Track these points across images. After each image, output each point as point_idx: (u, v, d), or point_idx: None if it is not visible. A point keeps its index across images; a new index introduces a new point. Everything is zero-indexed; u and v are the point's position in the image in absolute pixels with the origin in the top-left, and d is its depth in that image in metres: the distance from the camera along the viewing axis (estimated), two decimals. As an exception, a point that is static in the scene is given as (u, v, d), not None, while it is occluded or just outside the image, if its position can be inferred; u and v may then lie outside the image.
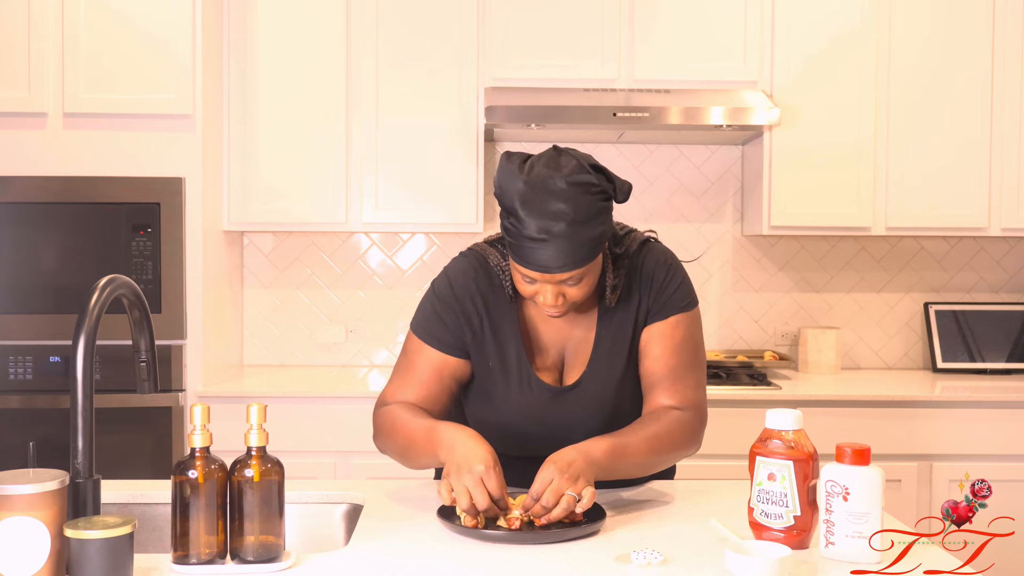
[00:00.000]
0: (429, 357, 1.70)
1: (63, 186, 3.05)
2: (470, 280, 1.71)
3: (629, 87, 3.31)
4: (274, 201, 3.32)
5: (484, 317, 1.70)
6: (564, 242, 1.51)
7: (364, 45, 3.32)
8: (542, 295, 1.58)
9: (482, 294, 1.70)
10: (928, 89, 3.36)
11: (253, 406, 1.30)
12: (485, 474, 1.44)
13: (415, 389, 1.70)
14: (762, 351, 3.59)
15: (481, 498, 1.43)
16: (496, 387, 1.70)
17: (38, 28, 3.03)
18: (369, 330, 3.70)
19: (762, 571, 1.24)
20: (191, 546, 1.27)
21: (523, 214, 1.51)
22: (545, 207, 1.50)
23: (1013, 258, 3.74)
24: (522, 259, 1.55)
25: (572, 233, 1.51)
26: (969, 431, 3.07)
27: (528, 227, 1.51)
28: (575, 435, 1.66)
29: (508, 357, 1.69)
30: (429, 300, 1.74)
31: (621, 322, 1.70)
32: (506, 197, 1.54)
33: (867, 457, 1.36)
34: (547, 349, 1.73)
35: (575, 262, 1.53)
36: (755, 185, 3.48)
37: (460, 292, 1.71)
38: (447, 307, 1.71)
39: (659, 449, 1.61)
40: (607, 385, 1.70)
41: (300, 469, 2.14)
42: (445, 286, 1.73)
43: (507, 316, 1.70)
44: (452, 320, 1.70)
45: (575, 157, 1.56)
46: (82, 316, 1.33)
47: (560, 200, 1.50)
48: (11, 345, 3.04)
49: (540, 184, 1.51)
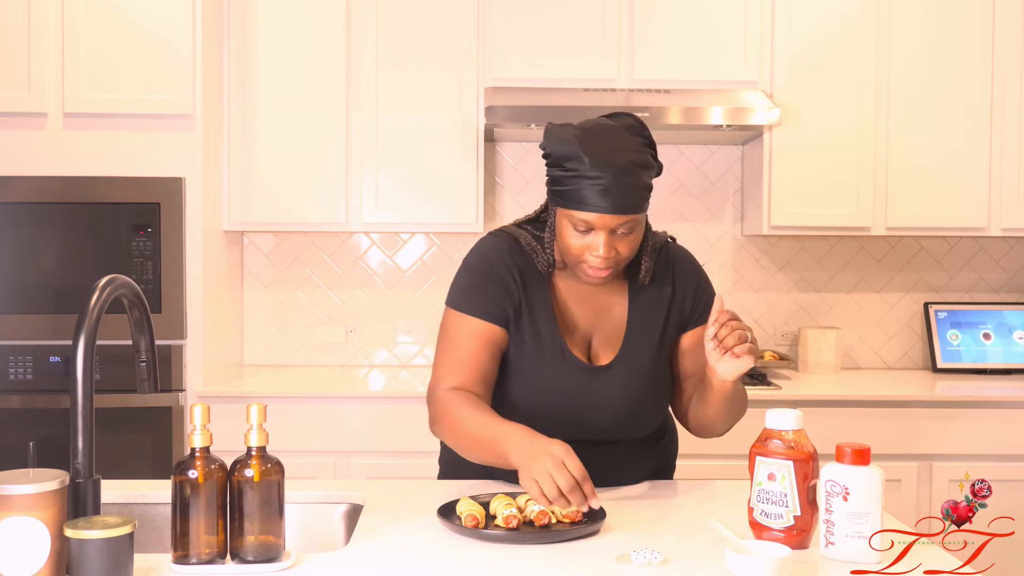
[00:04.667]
0: (472, 329, 1.69)
1: (63, 186, 3.05)
2: (505, 255, 1.73)
3: (629, 87, 3.31)
4: (274, 201, 3.32)
5: (521, 292, 1.71)
6: (624, 180, 1.56)
7: (364, 45, 3.32)
8: (594, 247, 1.60)
9: (519, 270, 1.72)
10: (928, 89, 3.36)
11: (253, 406, 1.30)
12: (565, 455, 1.43)
13: (464, 370, 1.68)
14: (762, 351, 3.59)
15: (565, 479, 1.40)
16: (528, 364, 1.71)
17: (38, 28, 3.03)
18: (369, 330, 3.70)
19: (762, 571, 1.24)
20: (191, 546, 1.27)
21: (583, 152, 1.56)
22: (606, 143, 1.57)
23: (1013, 258, 3.74)
24: (580, 202, 1.57)
25: (631, 172, 1.57)
26: (969, 431, 3.07)
27: (590, 165, 1.55)
28: (603, 417, 1.69)
29: (542, 333, 1.70)
30: (465, 275, 1.75)
31: (652, 310, 1.74)
32: (560, 145, 1.59)
33: (867, 457, 1.36)
34: (577, 328, 1.74)
35: (634, 205, 1.58)
36: (755, 185, 3.48)
37: (497, 265, 1.72)
38: (486, 279, 1.71)
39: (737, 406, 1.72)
40: (639, 368, 1.72)
41: (300, 469, 2.14)
42: (480, 260, 1.74)
43: (541, 293, 1.72)
44: (492, 291, 1.70)
45: (629, 113, 1.66)
46: (82, 316, 1.33)
47: (620, 139, 1.59)
48: (11, 345, 3.04)
49: (598, 126, 1.61)
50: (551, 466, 1.42)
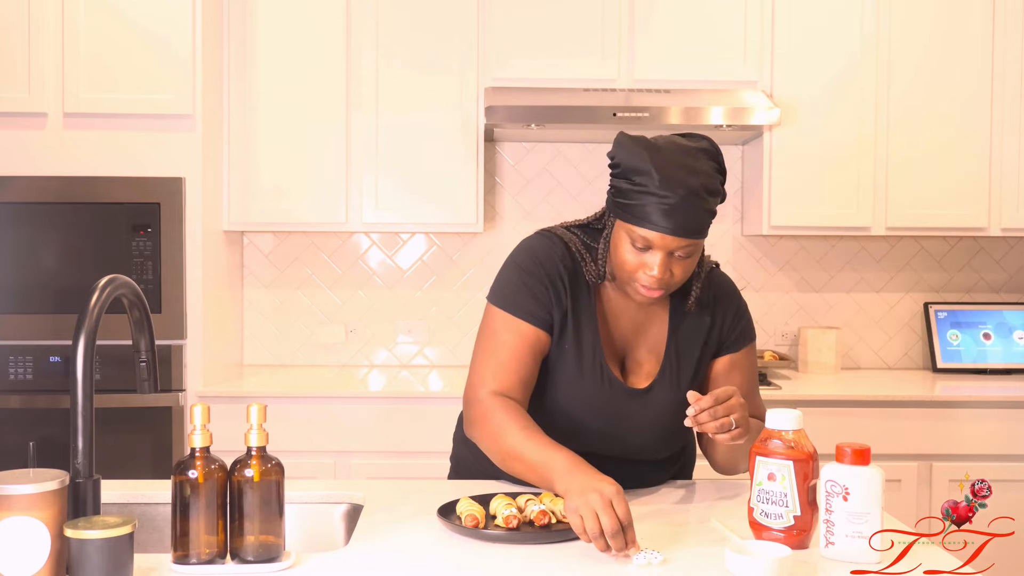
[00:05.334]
0: (519, 332, 1.64)
1: (63, 186, 3.04)
2: (556, 258, 1.67)
3: (629, 87, 3.31)
4: (274, 201, 3.32)
5: (569, 299, 1.66)
6: (692, 203, 1.51)
7: (364, 45, 3.32)
8: (649, 267, 1.56)
9: (569, 276, 1.67)
10: (928, 88, 3.36)
11: (253, 406, 1.30)
12: (615, 496, 1.35)
13: (507, 374, 1.63)
14: (762, 351, 3.59)
15: (609, 520, 1.32)
16: (567, 374, 1.67)
17: (38, 28, 3.03)
18: (369, 330, 3.70)
19: (762, 571, 1.24)
20: (191, 546, 1.27)
21: (654, 168, 1.51)
22: (678, 163, 1.53)
23: (1013, 258, 3.74)
24: (643, 219, 1.53)
25: (700, 196, 1.52)
26: (969, 431, 3.07)
27: (659, 183, 1.51)
28: (632, 439, 1.67)
29: (584, 345, 1.66)
30: (514, 273, 1.68)
31: (691, 336, 1.71)
32: (631, 157, 1.55)
33: (867, 457, 1.36)
34: (615, 345, 1.71)
35: (697, 229, 1.54)
36: (755, 185, 3.48)
37: (549, 267, 1.67)
38: (537, 280, 1.66)
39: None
40: (675, 395, 1.68)
41: (300, 469, 2.14)
42: (531, 259, 1.68)
43: (587, 302, 1.68)
44: (542, 293, 1.65)
45: (708, 139, 1.61)
46: (82, 316, 1.33)
47: (694, 161, 1.54)
48: (11, 345, 3.04)
49: (673, 144, 1.56)
50: (598, 504, 1.34)
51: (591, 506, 1.34)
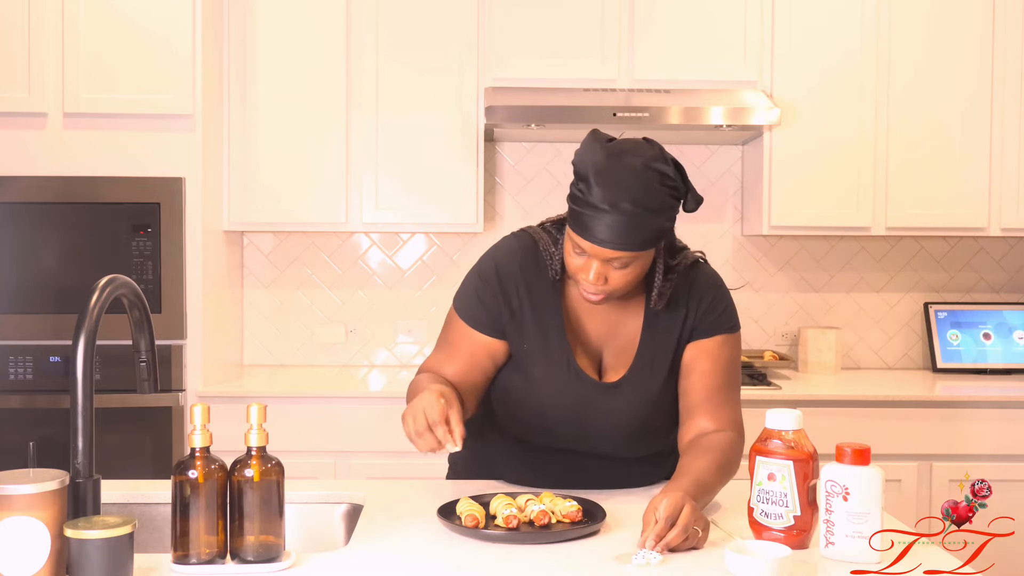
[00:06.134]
0: (465, 334, 1.73)
1: (63, 186, 3.04)
2: (515, 262, 1.73)
3: (629, 87, 3.31)
4: (274, 201, 3.32)
5: (525, 300, 1.70)
6: (625, 220, 1.52)
7: (364, 45, 3.32)
8: (586, 271, 1.59)
9: (526, 277, 1.71)
10: (928, 89, 3.36)
11: (253, 406, 1.30)
12: (426, 401, 1.49)
13: (450, 364, 1.73)
14: (762, 351, 3.59)
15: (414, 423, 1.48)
16: (535, 369, 1.70)
17: (38, 28, 3.03)
18: (369, 330, 3.70)
19: (762, 571, 1.24)
20: (191, 546, 1.27)
21: (593, 180, 1.53)
22: (617, 179, 1.52)
23: (1013, 258, 3.74)
24: (579, 227, 1.56)
25: (635, 214, 1.52)
26: (969, 431, 3.07)
27: (595, 195, 1.52)
28: (606, 434, 1.67)
29: (550, 342, 1.69)
30: (472, 278, 1.77)
31: (666, 332, 1.71)
32: (583, 163, 1.56)
33: (867, 457, 1.36)
34: (588, 342, 1.72)
35: (628, 243, 1.54)
36: (755, 185, 3.48)
37: (503, 273, 1.72)
38: (487, 287, 1.72)
39: (724, 481, 1.61)
40: (648, 390, 1.69)
41: (300, 469, 2.14)
42: (489, 266, 1.75)
43: (551, 301, 1.71)
44: (491, 300, 1.71)
45: (660, 148, 1.59)
46: (82, 316, 1.33)
47: (633, 179, 1.53)
48: (11, 345, 3.04)
49: (618, 158, 1.55)
50: (412, 413, 1.50)
51: (407, 419, 1.51)
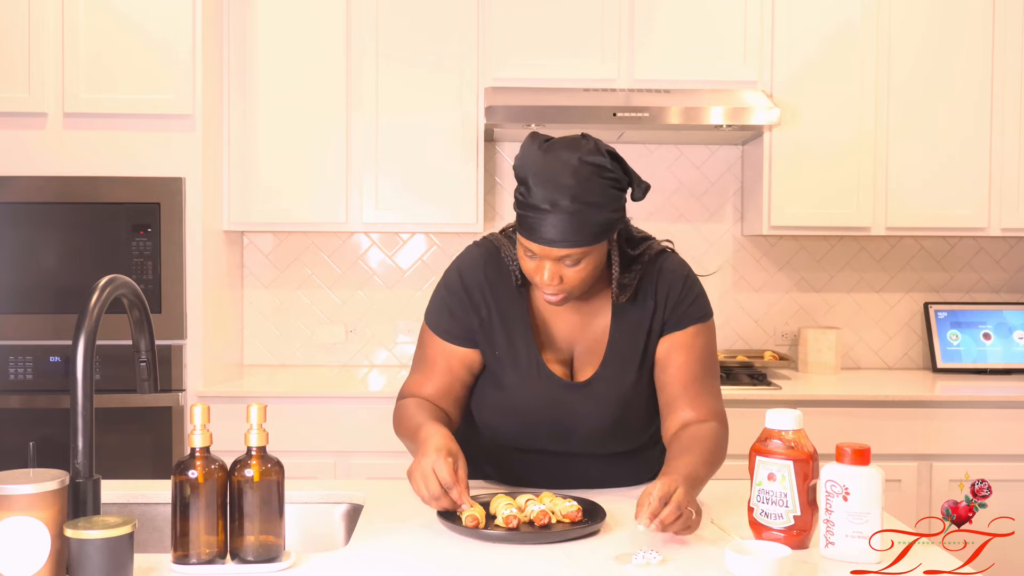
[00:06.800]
0: (440, 348, 1.74)
1: (63, 186, 3.04)
2: (479, 271, 1.74)
3: (629, 87, 3.31)
4: (274, 201, 3.32)
5: (492, 307, 1.71)
6: (567, 217, 1.53)
7: (364, 45, 3.32)
8: (540, 273, 1.59)
9: (491, 284, 1.73)
10: (928, 88, 3.36)
11: (253, 406, 1.30)
12: (435, 464, 1.47)
13: (429, 381, 1.74)
14: (762, 351, 3.59)
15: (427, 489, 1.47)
16: (507, 376, 1.71)
17: (38, 28, 3.03)
18: (369, 330, 3.70)
19: (762, 571, 1.24)
20: (191, 546, 1.27)
21: (532, 183, 1.55)
22: (555, 179, 1.53)
23: (1013, 258, 3.74)
24: (526, 230, 1.57)
25: (576, 210, 1.53)
26: (969, 431, 3.07)
27: (535, 196, 1.54)
28: (582, 432, 1.67)
29: (517, 347, 1.70)
30: (440, 291, 1.78)
31: (635, 326, 1.70)
32: (521, 166, 1.58)
33: (867, 457, 1.36)
34: (558, 344, 1.73)
35: (575, 240, 1.54)
36: (755, 185, 3.48)
37: (468, 282, 1.73)
38: (455, 298, 1.74)
39: (712, 472, 1.61)
40: (620, 386, 1.70)
41: (300, 469, 2.14)
42: (455, 277, 1.76)
43: (517, 307, 1.72)
44: (460, 310, 1.72)
45: (595, 141, 1.59)
46: (82, 316, 1.33)
47: (570, 175, 1.53)
48: (11, 345, 3.04)
49: (555, 157, 1.55)
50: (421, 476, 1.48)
51: (417, 479, 1.49)
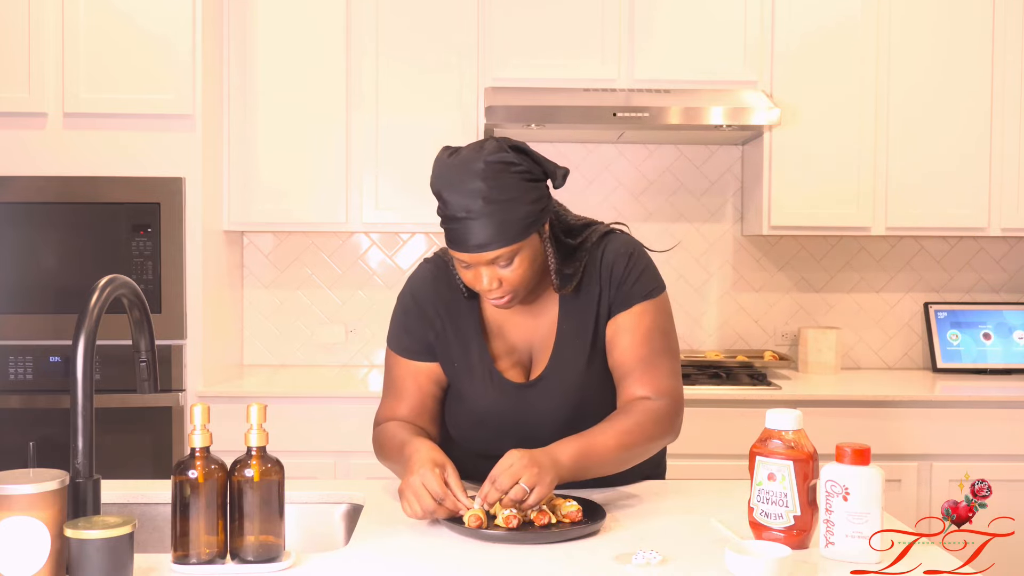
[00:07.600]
0: (405, 367, 1.76)
1: (63, 186, 3.04)
2: (429, 286, 1.75)
3: (629, 87, 3.31)
4: (274, 201, 3.32)
5: (445, 320, 1.73)
6: (485, 220, 1.54)
7: (364, 45, 3.32)
8: (479, 281, 1.60)
9: (442, 298, 1.74)
10: (928, 89, 3.35)
11: (253, 406, 1.30)
12: (425, 479, 1.47)
13: (401, 403, 1.76)
14: (762, 351, 3.59)
15: (420, 506, 1.46)
16: (464, 387, 1.73)
17: (38, 28, 3.03)
18: (369, 330, 3.70)
19: (762, 571, 1.24)
20: (191, 546, 1.28)
21: (446, 195, 1.56)
22: (464, 186, 1.54)
23: (1013, 258, 3.74)
24: (452, 242, 1.58)
25: (491, 211, 1.54)
26: (969, 431, 3.07)
27: (452, 207, 1.55)
28: (544, 428, 1.67)
29: (472, 357, 1.71)
30: (396, 312, 1.80)
31: (582, 314, 1.70)
32: (434, 181, 1.59)
33: (867, 457, 1.36)
34: (515, 347, 1.74)
35: (499, 241, 1.55)
36: (755, 185, 3.48)
37: (421, 299, 1.75)
38: (410, 316, 1.76)
39: (630, 444, 1.61)
40: (572, 376, 1.69)
41: (300, 469, 2.14)
42: (407, 296, 1.78)
43: (469, 317, 1.73)
44: (416, 327, 1.74)
45: (498, 140, 1.60)
46: (82, 316, 1.33)
47: (478, 179, 1.54)
48: (11, 345, 3.04)
49: (461, 165, 1.56)
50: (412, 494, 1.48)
51: (408, 497, 1.48)
